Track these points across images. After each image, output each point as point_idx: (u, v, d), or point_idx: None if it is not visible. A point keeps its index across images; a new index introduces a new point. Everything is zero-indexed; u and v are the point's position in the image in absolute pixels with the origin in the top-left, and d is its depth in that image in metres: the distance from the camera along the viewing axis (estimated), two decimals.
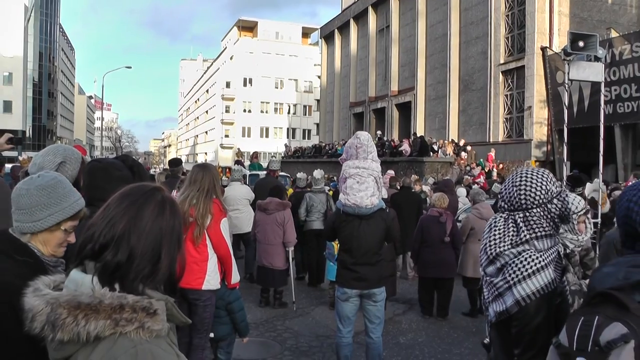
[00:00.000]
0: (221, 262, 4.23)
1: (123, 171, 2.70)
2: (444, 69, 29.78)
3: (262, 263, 7.51)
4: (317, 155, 36.63)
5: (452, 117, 29.04)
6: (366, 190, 4.53)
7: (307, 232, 9.06)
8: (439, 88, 30.49)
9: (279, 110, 69.55)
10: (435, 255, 7.24)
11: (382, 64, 37.83)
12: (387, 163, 24.80)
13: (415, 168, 23.28)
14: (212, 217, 4.08)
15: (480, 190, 8.14)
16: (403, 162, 24.55)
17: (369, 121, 39.29)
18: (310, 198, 9.06)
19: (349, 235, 4.63)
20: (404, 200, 9.60)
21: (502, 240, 2.60)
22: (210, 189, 4.10)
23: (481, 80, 26.97)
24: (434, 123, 31.09)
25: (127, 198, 1.42)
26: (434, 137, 27.69)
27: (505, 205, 2.68)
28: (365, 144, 4.61)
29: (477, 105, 27.38)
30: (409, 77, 33.98)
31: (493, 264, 2.62)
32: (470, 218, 7.55)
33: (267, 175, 10.51)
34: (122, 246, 1.35)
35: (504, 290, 2.54)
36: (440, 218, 7.29)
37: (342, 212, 4.63)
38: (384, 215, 4.71)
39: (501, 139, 25.65)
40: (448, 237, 7.22)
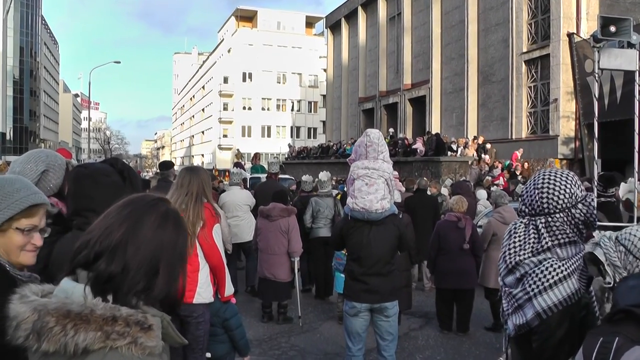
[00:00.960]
0: (213, 272, 4.22)
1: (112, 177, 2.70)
2: (461, 59, 29.72)
3: (265, 275, 7.51)
4: (323, 156, 36.65)
5: (470, 112, 28.96)
6: (376, 192, 4.51)
7: (314, 240, 9.06)
8: (455, 80, 30.43)
9: (281, 107, 69.66)
10: (454, 264, 7.21)
11: (393, 55, 37.81)
12: (400, 163, 24.79)
13: (431, 169, 23.24)
14: (204, 222, 4.09)
15: (503, 193, 8.11)
16: (418, 163, 24.51)
17: (380, 118, 39.26)
18: (317, 203, 9.06)
19: (357, 243, 4.62)
20: (418, 204, 9.58)
21: (522, 248, 2.59)
22: (199, 193, 4.11)
23: (502, 71, 26.88)
24: (450, 119, 31.03)
25: (128, 206, 1.43)
26: (451, 135, 27.64)
27: (526, 210, 2.67)
28: (375, 143, 4.60)
29: (497, 98, 27.29)
30: (423, 69, 33.94)
31: (512, 274, 2.61)
32: (492, 223, 7.51)
33: (267, 178, 10.52)
34: (117, 256, 1.35)
35: (524, 302, 2.53)
36: (459, 223, 7.26)
37: (350, 217, 4.62)
38: (397, 221, 4.69)
39: (524, 136, 25.54)
40: (467, 244, 7.19)
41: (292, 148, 44.91)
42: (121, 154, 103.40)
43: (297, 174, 33.38)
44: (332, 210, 9.08)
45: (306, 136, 69.24)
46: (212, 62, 75.72)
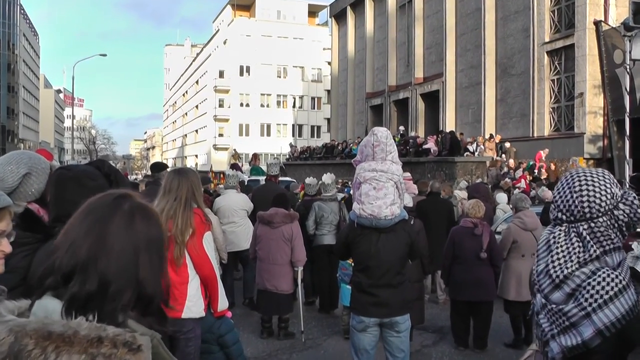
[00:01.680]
0: (205, 284, 4.21)
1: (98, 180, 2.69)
2: (477, 50, 29.70)
3: (265, 286, 7.51)
4: (328, 157, 36.68)
5: (488, 108, 28.94)
6: (385, 197, 4.50)
7: (317, 248, 9.07)
8: (472, 74, 30.41)
9: (282, 103, 69.72)
10: (470, 274, 7.19)
11: (403, 46, 37.82)
12: (411, 164, 24.78)
13: (445, 170, 23.22)
14: (193, 230, 4.08)
15: (524, 196, 8.08)
16: (430, 163, 24.50)
17: (389, 115, 39.27)
18: (320, 207, 9.07)
19: (365, 252, 4.61)
20: (432, 208, 9.57)
21: (568, 259, 2.53)
22: (188, 198, 4.11)
23: (522, 63, 26.86)
24: (466, 116, 31.01)
25: (89, 214, 1.41)
26: (467, 132, 27.62)
27: (563, 217, 2.61)
28: (383, 142, 4.59)
29: (517, 93, 27.26)
30: (436, 62, 33.93)
31: (560, 289, 2.55)
32: (512, 229, 7.50)
33: (266, 181, 10.52)
34: (89, 274, 1.33)
35: (579, 319, 2.46)
36: (476, 230, 7.25)
37: (357, 224, 4.61)
38: (408, 228, 4.68)
39: (547, 133, 25.50)
40: (485, 253, 7.18)
41: (294, 148, 44.98)
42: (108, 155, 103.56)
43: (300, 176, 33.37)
44: (337, 215, 9.09)
45: (309, 135, 69.26)
46: (206, 55, 75.86)
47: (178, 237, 4.03)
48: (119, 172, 3.01)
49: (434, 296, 10.08)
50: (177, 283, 4.09)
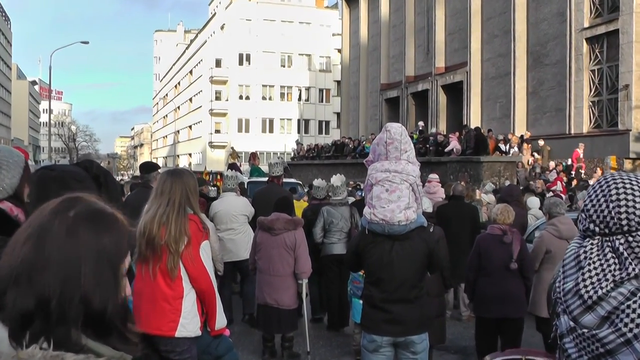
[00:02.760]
0: (202, 300, 4.23)
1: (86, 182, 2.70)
2: (506, 37, 29.64)
3: (266, 301, 7.52)
4: (338, 156, 36.68)
5: (518, 101, 28.88)
6: (399, 200, 4.50)
7: (326, 258, 9.08)
8: (500, 63, 30.35)
9: (286, 96, 69.82)
10: (498, 287, 7.18)
11: (422, 31, 37.79)
12: (431, 164, 24.73)
13: (469, 170, 23.17)
14: (189, 239, 4.10)
15: (559, 200, 8.06)
16: (453, 164, 24.46)
17: (407, 109, 39.24)
18: (329, 213, 9.07)
19: (377, 263, 4.61)
20: (454, 213, 9.56)
21: (602, 278, 2.47)
22: (183, 202, 4.13)
23: (557, 51, 26.78)
24: (493, 110, 30.95)
25: (32, 222, 1.38)
26: (495, 129, 27.54)
27: (596, 229, 2.54)
28: (397, 140, 4.59)
29: (552, 84, 27.19)
30: (459, 50, 33.89)
31: (592, 311, 2.49)
32: (545, 237, 7.48)
33: (268, 183, 10.55)
34: (21, 287, 1.28)
35: (617, 347, 2.41)
36: (504, 237, 7.23)
37: (368, 230, 4.62)
38: (426, 235, 4.68)
39: (586, 130, 25.40)
40: (515, 263, 7.16)
41: (300, 146, 44.98)
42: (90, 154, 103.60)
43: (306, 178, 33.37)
44: (348, 221, 9.09)
45: (316, 131, 69.32)
46: (201, 42, 76.08)
47: (171, 246, 4.05)
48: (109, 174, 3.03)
49: (456, 312, 10.06)
50: (170, 298, 4.11)
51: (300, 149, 44.37)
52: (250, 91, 68.17)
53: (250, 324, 9.08)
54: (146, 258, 4.13)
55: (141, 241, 4.12)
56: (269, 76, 67.58)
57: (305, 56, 69.99)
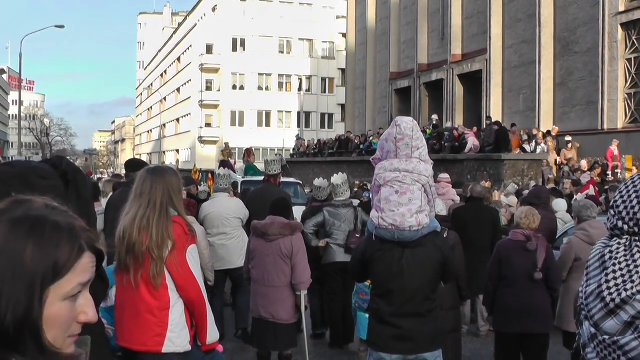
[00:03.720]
0: (191, 311, 4.23)
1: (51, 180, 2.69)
2: (531, 21, 29.62)
3: (260, 314, 7.51)
4: (342, 152, 36.72)
5: (544, 93, 28.85)
6: (410, 203, 4.50)
7: (328, 267, 9.07)
8: (523, 50, 30.33)
9: (285, 86, 69.87)
10: (521, 299, 7.16)
11: (437, 14, 37.79)
12: (446, 163, 24.74)
13: (489, 169, 23.16)
14: (174, 243, 4.10)
15: (590, 202, 8.05)
16: (471, 162, 24.46)
17: (419, 101, 39.24)
18: (331, 215, 9.08)
19: (385, 272, 4.61)
20: (472, 217, 9.55)
21: (628, 280, 2.49)
22: (165, 203, 4.13)
23: (589, 37, 26.74)
24: (516, 102, 30.93)
25: None
26: (518, 124, 27.51)
27: (625, 226, 2.58)
28: (408, 136, 4.59)
29: (582, 75, 27.15)
30: (478, 35, 33.87)
31: (615, 316, 2.52)
32: (574, 243, 7.47)
33: (265, 182, 10.54)
34: None
35: None
36: (528, 244, 7.21)
37: (376, 237, 4.61)
38: (440, 241, 4.68)
39: (621, 125, 25.36)
40: (540, 273, 7.14)
41: (300, 141, 45.03)
42: (65, 150, 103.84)
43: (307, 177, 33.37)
44: (352, 224, 9.09)
45: (319, 125, 69.37)
46: (190, 25, 76.14)
47: (154, 252, 4.05)
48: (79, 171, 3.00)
49: (474, 327, 10.05)
50: (155, 309, 4.11)
51: (301, 144, 44.43)
52: (245, 80, 68.19)
53: (244, 340, 9.07)
54: (127, 266, 4.13)
55: (121, 248, 4.12)
56: (265, 64, 67.59)
57: (306, 41, 70.03)
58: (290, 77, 69.65)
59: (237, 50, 68.15)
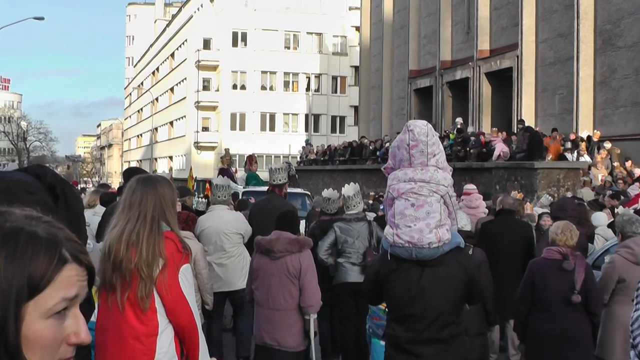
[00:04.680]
0: (181, 338, 4.22)
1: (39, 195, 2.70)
2: (568, 12, 29.60)
3: (264, 340, 7.52)
4: (355, 160, 36.69)
5: (582, 93, 28.77)
6: (428, 217, 4.51)
7: (339, 288, 9.09)
8: (559, 45, 30.30)
9: (291, 85, 69.92)
10: (557, 325, 7.16)
11: (462, 5, 37.81)
12: (472, 171, 24.70)
13: (520, 179, 23.11)
14: (165, 262, 4.10)
15: (635, 217, 8.02)
16: (499, 170, 24.41)
17: (442, 102, 39.23)
18: (342, 231, 9.09)
19: (402, 294, 4.61)
20: (502, 232, 9.54)
21: None
22: (156, 217, 4.13)
23: (635, 30, 26.70)
24: (551, 104, 30.87)
25: None
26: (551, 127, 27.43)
27: None
28: (423, 141, 4.60)
29: (627, 72, 27.08)
30: (507, 28, 33.87)
31: None
32: (617, 262, 7.45)
33: (269, 193, 10.57)
34: None
35: None
36: (565, 263, 7.21)
37: (391, 255, 4.63)
38: (463, 259, 4.69)
39: None
40: (578, 295, 7.13)
41: (308, 147, 45.04)
42: (45, 156, 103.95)
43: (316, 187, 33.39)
44: (366, 241, 9.10)
45: (329, 129, 69.32)
46: (185, 18, 76.41)
47: (143, 271, 4.04)
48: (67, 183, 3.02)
49: (503, 357, 10.03)
50: (142, 335, 4.11)
51: (309, 151, 44.42)
52: (247, 79, 68.26)
53: None
54: (112, 286, 4.13)
55: (106, 265, 4.13)
56: (269, 61, 67.64)
57: (316, 35, 70.08)
58: (297, 75, 69.65)
59: (237, 45, 68.25)
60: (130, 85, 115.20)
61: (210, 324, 9.01)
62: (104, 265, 4.12)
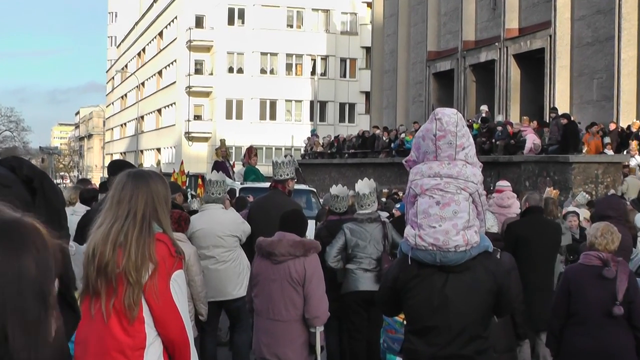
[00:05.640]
0: (170, 352, 4.22)
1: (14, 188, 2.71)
2: None
3: (264, 355, 7.52)
4: (367, 153, 36.69)
5: (625, 78, 28.72)
6: (455, 217, 4.51)
7: (349, 297, 9.09)
8: (598, 23, 30.23)
9: (294, 68, 69.91)
10: (596, 340, 7.15)
11: None
12: (498, 166, 24.66)
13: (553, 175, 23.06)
14: (155, 267, 4.09)
15: None
16: (530, 164, 24.37)
17: (465, 87, 39.18)
18: (353, 232, 9.10)
19: (423, 304, 4.61)
20: (531, 235, 9.51)
21: None
22: (147, 216, 4.12)
23: None
24: (588, 90, 30.81)
25: None
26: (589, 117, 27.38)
27: None
28: (452, 132, 4.59)
29: None
30: (539, 4, 33.80)
31: None
32: None
33: (271, 189, 10.56)
34: None
35: None
36: (605, 271, 7.19)
37: (412, 259, 4.62)
38: (492, 265, 4.69)
39: None
40: (620, 307, 7.12)
41: (314, 139, 45.04)
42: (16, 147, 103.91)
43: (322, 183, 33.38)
44: (380, 244, 9.10)
45: (337, 118, 69.30)
46: None
47: (131, 275, 4.03)
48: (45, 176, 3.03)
49: None
50: (127, 348, 4.11)
51: (314, 142, 44.42)
52: (244, 62, 68.23)
53: None
54: (96, 292, 4.12)
55: (89, 269, 4.12)
56: (270, 41, 67.56)
57: (322, 12, 70.05)
58: (301, 57, 69.59)
59: (234, 23, 68.22)
60: (112, 68, 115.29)
61: (203, 337, 9.01)
62: (87, 269, 4.11)
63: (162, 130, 78.81)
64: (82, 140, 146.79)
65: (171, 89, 73.71)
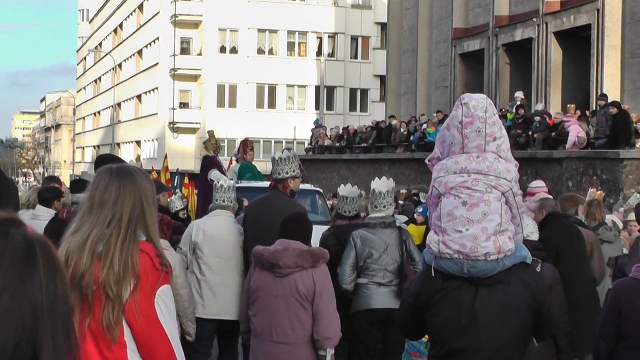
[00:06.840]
0: None
1: None
2: None
3: None
4: (381, 147, 36.62)
5: None
6: (484, 220, 4.51)
7: (360, 316, 9.12)
8: None
9: (297, 48, 69.83)
10: None
11: None
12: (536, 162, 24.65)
13: (600, 173, 23.05)
14: (137, 283, 4.02)
15: None
16: (572, 161, 24.36)
17: (497, 71, 39.13)
18: (365, 240, 9.12)
19: (450, 323, 4.61)
20: (572, 243, 9.53)
21: None
22: (133, 221, 4.07)
23: None
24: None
25: None
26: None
27: None
28: (481, 118, 4.61)
29: None
30: None
31: None
32: None
33: (271, 190, 10.59)
34: None
35: None
36: None
37: (435, 270, 4.64)
38: (530, 278, 4.70)
39: None
40: None
41: (320, 130, 44.99)
42: None
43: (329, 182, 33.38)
44: (397, 254, 9.13)
45: (347, 107, 69.22)
46: None
47: (111, 289, 3.96)
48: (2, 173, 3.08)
49: None
50: None
51: (320, 135, 44.38)
52: (238, 40, 68.20)
53: None
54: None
55: None
56: (269, 15, 67.49)
57: None
58: (306, 35, 69.54)
59: None
60: (84, 47, 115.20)
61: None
62: None
63: (142, 119, 78.78)
64: (49, 131, 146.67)
65: (153, 71, 73.66)
